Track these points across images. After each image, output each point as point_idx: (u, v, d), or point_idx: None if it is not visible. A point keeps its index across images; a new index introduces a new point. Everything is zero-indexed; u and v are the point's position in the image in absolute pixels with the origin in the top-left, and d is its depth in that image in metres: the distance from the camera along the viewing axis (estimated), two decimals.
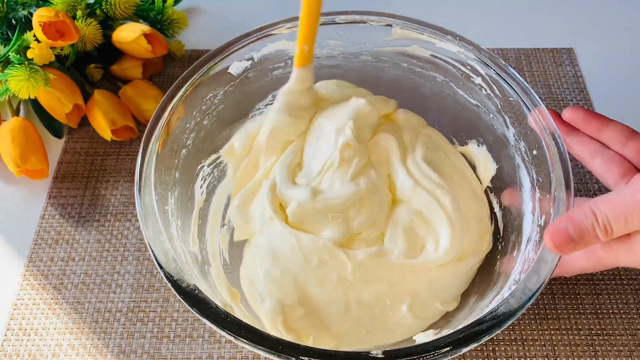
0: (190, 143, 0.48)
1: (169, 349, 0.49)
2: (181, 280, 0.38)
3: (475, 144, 0.52)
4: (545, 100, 0.65)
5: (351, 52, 0.53)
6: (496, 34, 0.72)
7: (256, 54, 0.50)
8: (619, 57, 0.69)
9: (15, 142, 0.56)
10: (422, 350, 0.35)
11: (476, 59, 0.48)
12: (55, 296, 0.51)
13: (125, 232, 0.55)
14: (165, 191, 0.44)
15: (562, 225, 0.38)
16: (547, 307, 0.50)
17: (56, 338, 0.49)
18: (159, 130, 0.44)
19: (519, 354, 0.48)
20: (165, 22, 0.68)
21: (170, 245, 0.40)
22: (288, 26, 0.50)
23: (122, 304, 0.51)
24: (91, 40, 0.61)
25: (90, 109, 0.60)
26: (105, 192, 0.58)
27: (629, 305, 0.50)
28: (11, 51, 0.56)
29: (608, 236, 0.38)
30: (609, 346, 0.48)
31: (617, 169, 0.46)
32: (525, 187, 0.46)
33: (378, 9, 0.51)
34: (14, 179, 0.59)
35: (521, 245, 0.44)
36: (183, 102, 0.46)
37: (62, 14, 0.56)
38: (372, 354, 0.35)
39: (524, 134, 0.46)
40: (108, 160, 0.61)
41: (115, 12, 0.63)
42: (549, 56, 0.69)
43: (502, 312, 0.37)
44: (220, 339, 0.49)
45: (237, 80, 0.50)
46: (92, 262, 0.53)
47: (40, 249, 0.54)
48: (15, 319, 0.50)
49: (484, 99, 0.50)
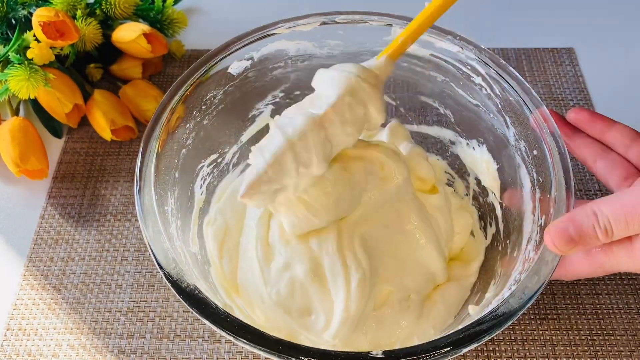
0: (190, 143, 0.48)
1: (168, 349, 0.49)
2: (181, 280, 0.38)
3: (475, 144, 0.52)
4: (546, 100, 0.65)
5: (351, 52, 0.52)
6: (496, 34, 0.72)
7: (256, 53, 0.50)
8: (619, 57, 0.69)
9: (15, 142, 0.56)
10: (422, 350, 0.35)
11: (476, 58, 0.48)
12: (55, 296, 0.51)
13: (125, 232, 0.55)
14: (165, 191, 0.44)
15: (562, 225, 0.38)
16: (547, 307, 0.50)
17: (56, 338, 0.49)
18: (159, 130, 0.44)
19: (519, 354, 0.48)
20: (165, 22, 0.68)
21: (170, 245, 0.40)
22: (288, 26, 0.50)
23: (122, 304, 0.51)
24: (91, 40, 0.61)
25: (90, 109, 0.60)
26: (105, 192, 0.58)
27: (630, 305, 0.50)
28: (11, 51, 0.56)
29: (608, 237, 0.38)
30: (609, 346, 0.48)
31: (620, 172, 0.46)
32: (525, 187, 0.46)
33: (378, 9, 0.51)
34: (13, 179, 0.59)
35: (521, 245, 0.44)
36: (183, 102, 0.46)
37: (62, 13, 0.56)
38: (372, 354, 0.35)
39: (525, 134, 0.46)
40: (108, 160, 0.60)
41: (115, 11, 0.63)
42: (549, 56, 0.69)
43: (502, 312, 0.37)
44: (220, 339, 0.49)
45: (237, 80, 0.50)
46: (92, 262, 0.53)
47: (40, 249, 0.54)
48: (15, 319, 0.50)
49: (484, 99, 0.49)
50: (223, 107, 0.51)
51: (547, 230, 0.39)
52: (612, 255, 0.40)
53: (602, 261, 0.41)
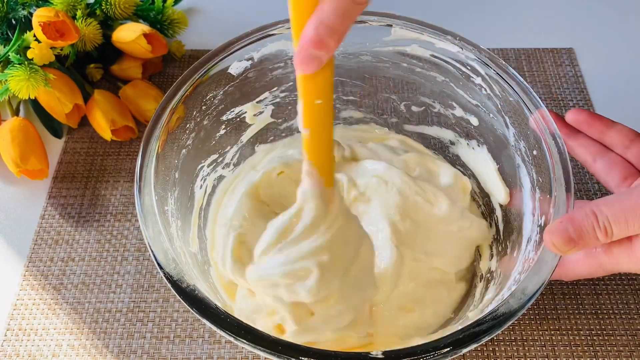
0: (190, 143, 0.48)
1: (168, 349, 0.49)
2: (181, 280, 0.38)
3: (475, 144, 0.52)
4: (545, 100, 0.65)
5: (351, 52, 0.52)
6: (496, 34, 0.72)
7: (256, 54, 0.50)
8: (619, 57, 0.69)
9: (15, 142, 0.56)
10: (422, 350, 0.35)
11: (476, 59, 0.48)
12: (55, 296, 0.51)
13: (125, 232, 0.55)
14: (165, 191, 0.44)
15: (562, 225, 0.38)
16: (547, 308, 0.50)
17: (56, 338, 0.49)
18: (159, 130, 0.44)
19: (519, 354, 0.48)
20: (165, 22, 0.68)
21: (170, 246, 0.40)
22: (288, 26, 0.50)
23: (122, 304, 0.51)
24: (91, 40, 0.61)
25: (90, 109, 0.60)
26: (105, 192, 0.58)
27: (629, 305, 0.50)
28: (11, 51, 0.56)
29: (608, 238, 0.38)
30: (609, 346, 0.48)
31: (619, 172, 0.46)
32: (525, 187, 0.46)
33: (378, 9, 0.51)
34: (13, 179, 0.59)
35: (521, 245, 0.44)
36: (183, 102, 0.46)
37: (62, 14, 0.56)
38: (371, 354, 0.35)
39: (524, 134, 0.46)
40: (108, 160, 0.60)
41: (115, 12, 0.63)
42: (549, 56, 0.69)
43: (502, 312, 0.37)
44: (220, 339, 0.49)
45: (237, 80, 0.50)
46: (92, 262, 0.53)
47: (40, 249, 0.54)
48: (15, 319, 0.50)
49: (484, 99, 0.49)
50: (223, 107, 0.51)
51: (547, 230, 0.39)
52: (612, 256, 0.40)
53: (602, 261, 0.41)
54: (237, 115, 0.52)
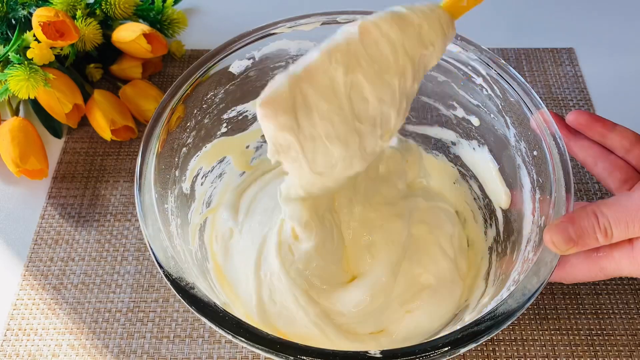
0: (190, 142, 0.48)
1: (168, 349, 0.49)
2: (180, 278, 0.38)
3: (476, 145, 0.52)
4: (545, 101, 0.65)
5: None
6: (496, 34, 0.72)
7: (257, 52, 0.50)
8: (619, 57, 0.69)
9: (15, 142, 0.56)
10: (421, 350, 0.35)
11: (477, 59, 0.48)
12: (55, 296, 0.51)
13: (125, 232, 0.55)
14: (165, 190, 0.44)
15: (562, 224, 0.38)
16: (547, 307, 0.50)
17: (56, 338, 0.49)
18: (159, 129, 0.44)
19: (519, 354, 0.48)
20: (165, 22, 0.68)
21: (170, 244, 0.40)
22: (289, 25, 0.50)
23: (121, 304, 0.51)
24: (91, 40, 0.61)
25: (90, 109, 0.60)
26: (105, 192, 0.58)
27: (629, 305, 0.50)
28: (11, 51, 0.56)
29: (607, 239, 0.38)
30: (609, 346, 0.48)
31: (620, 175, 0.46)
32: (525, 188, 0.46)
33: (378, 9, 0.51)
34: (13, 179, 0.59)
35: (521, 246, 0.44)
36: (183, 101, 0.46)
37: (62, 13, 0.56)
38: (370, 353, 0.35)
39: (525, 135, 0.46)
40: (108, 160, 0.60)
41: (115, 12, 0.63)
42: (549, 56, 0.69)
43: (501, 312, 0.37)
44: (220, 339, 0.49)
45: (238, 79, 0.50)
46: (92, 262, 0.53)
47: (40, 249, 0.54)
48: (15, 319, 0.50)
49: (485, 100, 0.49)
50: (224, 106, 0.51)
51: (547, 228, 0.39)
52: (613, 260, 0.40)
53: (603, 265, 0.41)
54: (239, 114, 0.52)
